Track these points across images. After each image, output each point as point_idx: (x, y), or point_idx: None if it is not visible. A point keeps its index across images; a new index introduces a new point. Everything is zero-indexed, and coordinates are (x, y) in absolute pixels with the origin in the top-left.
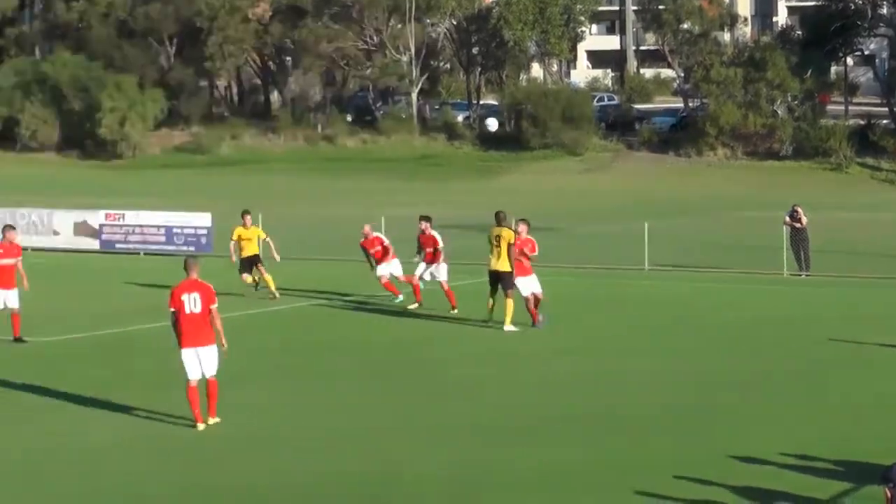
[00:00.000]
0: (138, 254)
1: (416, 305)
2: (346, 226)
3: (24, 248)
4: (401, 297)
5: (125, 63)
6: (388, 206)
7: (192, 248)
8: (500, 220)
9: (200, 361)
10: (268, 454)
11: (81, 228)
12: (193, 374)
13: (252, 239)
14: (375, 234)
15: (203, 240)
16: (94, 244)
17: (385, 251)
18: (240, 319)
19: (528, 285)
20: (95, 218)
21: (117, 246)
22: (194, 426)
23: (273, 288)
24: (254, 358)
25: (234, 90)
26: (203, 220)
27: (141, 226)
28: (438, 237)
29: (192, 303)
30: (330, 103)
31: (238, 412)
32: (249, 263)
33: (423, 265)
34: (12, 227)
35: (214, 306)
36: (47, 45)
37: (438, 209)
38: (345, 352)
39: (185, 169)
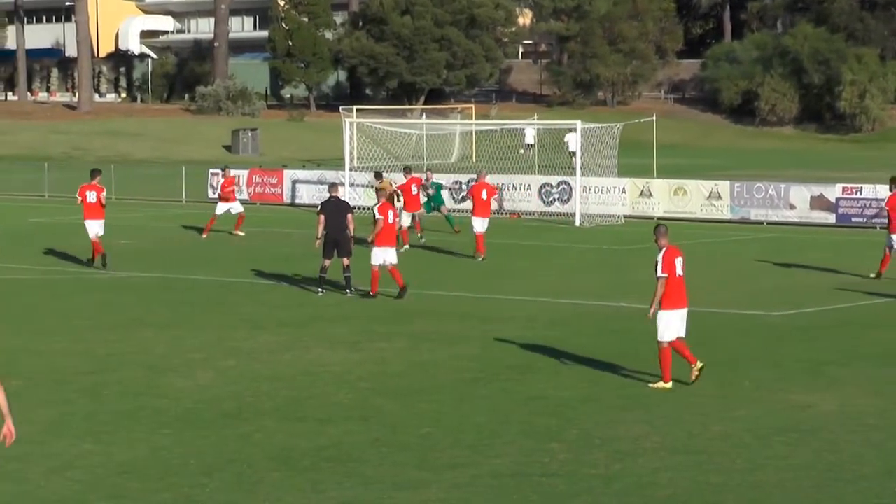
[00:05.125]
0: (874, 227)
1: None
2: None
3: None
4: None
5: (867, 35)
6: None
7: None
8: None
9: None
10: None
11: (817, 202)
12: None
13: None
14: None
15: None
16: (829, 218)
17: None
18: None
19: None
20: (832, 192)
21: (853, 220)
22: None
23: None
24: None
25: None
26: None
27: (878, 199)
28: None
29: None
30: None
31: None
32: None
33: None
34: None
35: None
36: (789, 18)
37: None
38: None
39: None
